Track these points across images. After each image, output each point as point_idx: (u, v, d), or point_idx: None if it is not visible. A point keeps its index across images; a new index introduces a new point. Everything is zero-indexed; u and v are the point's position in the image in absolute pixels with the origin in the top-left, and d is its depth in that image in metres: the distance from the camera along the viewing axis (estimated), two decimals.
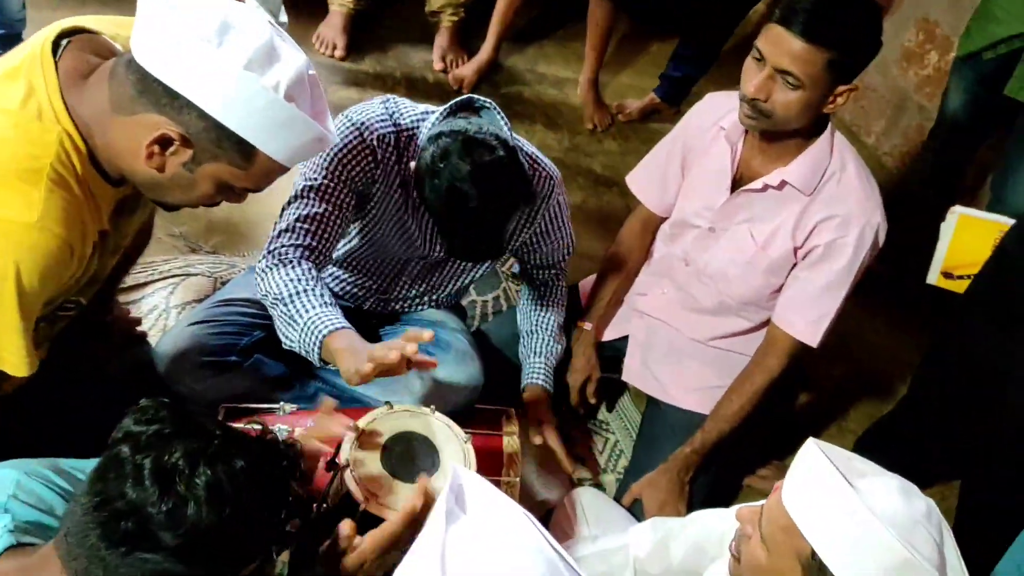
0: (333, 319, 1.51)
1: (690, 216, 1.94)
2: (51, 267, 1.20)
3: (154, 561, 0.94)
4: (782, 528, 1.16)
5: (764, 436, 2.32)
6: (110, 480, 0.94)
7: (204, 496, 0.94)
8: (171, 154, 1.20)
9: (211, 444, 0.97)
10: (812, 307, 1.82)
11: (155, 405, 1.00)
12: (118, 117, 1.19)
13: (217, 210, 2.47)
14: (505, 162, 1.51)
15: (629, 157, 3.14)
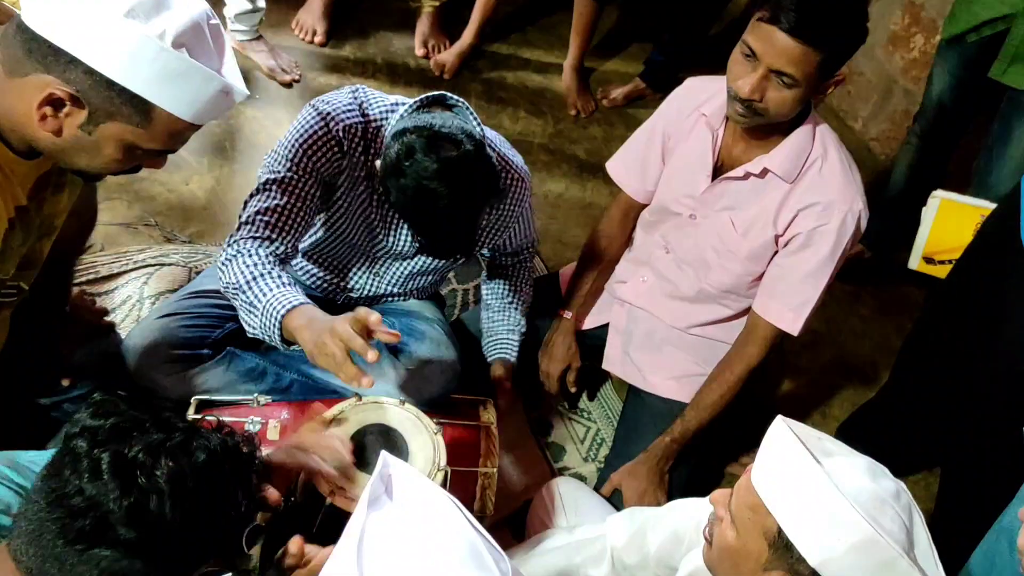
0: (290, 298, 1.48)
1: (670, 203, 1.92)
2: None
3: (112, 557, 0.92)
4: (749, 506, 1.15)
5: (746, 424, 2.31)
6: (66, 476, 0.91)
7: (167, 490, 0.92)
8: (65, 115, 1.15)
9: (172, 437, 0.95)
10: (793, 295, 1.80)
11: (111, 399, 0.98)
12: (10, 80, 1.15)
13: (194, 199, 2.47)
14: (472, 157, 1.48)
15: (613, 144, 3.11)
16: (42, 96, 1.13)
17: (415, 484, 0.90)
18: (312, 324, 1.43)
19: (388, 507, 0.88)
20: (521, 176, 1.81)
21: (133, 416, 0.96)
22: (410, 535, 0.85)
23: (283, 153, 1.63)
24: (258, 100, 2.81)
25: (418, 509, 0.88)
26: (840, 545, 1.07)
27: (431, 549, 0.84)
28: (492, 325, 2.04)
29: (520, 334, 2.02)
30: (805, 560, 1.10)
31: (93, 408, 0.96)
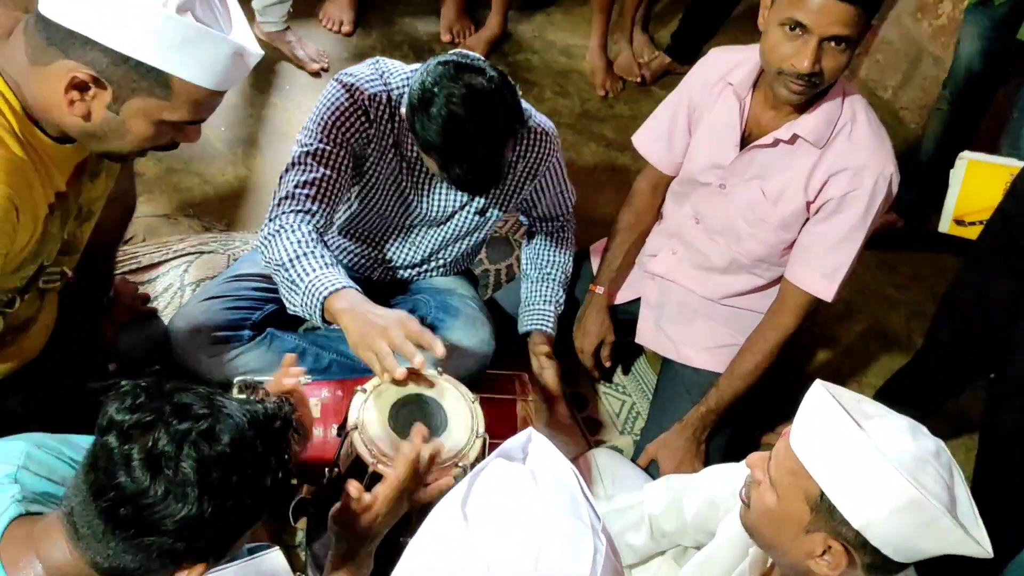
0: (334, 279, 1.52)
1: (699, 174, 1.92)
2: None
3: (159, 542, 0.95)
4: (790, 471, 1.16)
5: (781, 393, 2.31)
6: (102, 469, 0.95)
7: (194, 479, 0.94)
8: (91, 98, 1.18)
9: (195, 425, 0.97)
10: (826, 261, 1.80)
11: (134, 389, 0.99)
12: (36, 69, 1.18)
13: (230, 189, 2.52)
14: (496, 82, 1.53)
15: (640, 121, 3.05)
16: (67, 81, 1.15)
17: (551, 457, 0.94)
18: (356, 311, 1.47)
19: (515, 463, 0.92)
20: (545, 129, 1.84)
21: (157, 407, 0.97)
22: (522, 479, 0.89)
23: (313, 127, 1.67)
24: (288, 90, 2.85)
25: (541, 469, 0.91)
26: (884, 507, 1.08)
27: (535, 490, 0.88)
28: (529, 296, 2.06)
29: (557, 305, 2.04)
30: (848, 523, 1.11)
31: (118, 401, 0.98)
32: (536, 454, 0.96)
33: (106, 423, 0.96)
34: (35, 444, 1.12)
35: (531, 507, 0.86)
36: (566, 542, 0.84)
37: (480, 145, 1.52)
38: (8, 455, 1.09)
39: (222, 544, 1.02)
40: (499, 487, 0.89)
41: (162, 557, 0.97)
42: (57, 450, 1.15)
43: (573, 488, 0.91)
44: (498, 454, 0.94)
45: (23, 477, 1.07)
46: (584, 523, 0.87)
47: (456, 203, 1.87)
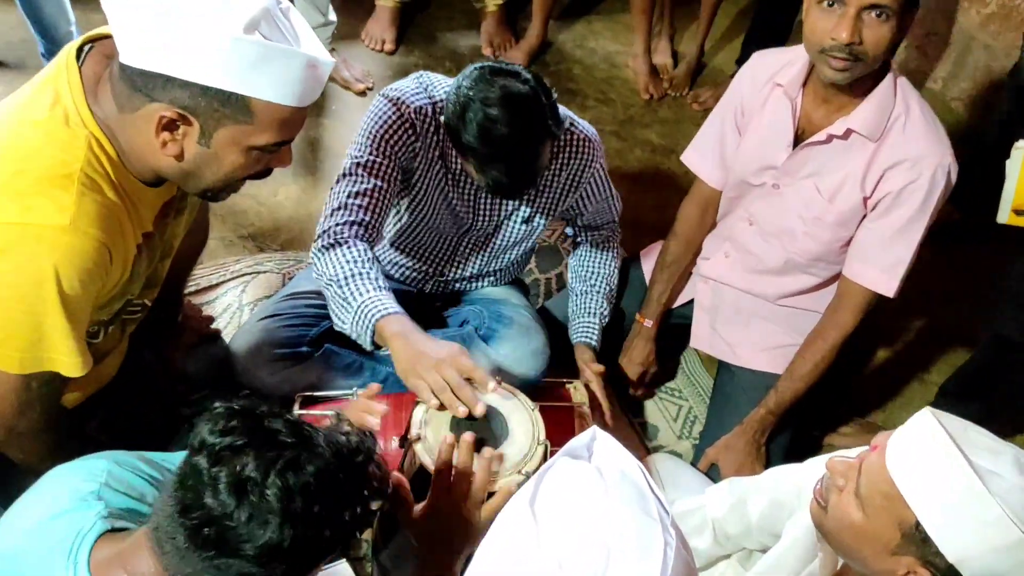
0: (386, 304, 1.53)
1: (751, 176, 1.90)
2: (89, 269, 1.21)
3: (238, 565, 0.97)
4: (883, 494, 1.12)
5: (841, 393, 2.28)
6: (190, 488, 0.97)
7: (277, 507, 0.96)
8: (182, 136, 1.20)
9: (282, 454, 0.98)
10: (886, 255, 1.77)
11: (227, 412, 1.01)
12: (125, 117, 1.21)
13: (282, 209, 2.57)
14: (532, 85, 1.54)
15: (684, 124, 3.12)
16: (155, 123, 1.18)
17: (617, 454, 0.94)
18: (408, 338, 1.48)
19: (581, 461, 0.93)
20: (588, 136, 1.84)
21: (249, 430, 0.99)
22: (589, 475, 0.89)
23: (362, 141, 1.70)
24: (335, 111, 2.90)
25: (607, 465, 0.92)
26: (985, 545, 1.04)
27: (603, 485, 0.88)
28: (575, 308, 2.06)
29: (601, 317, 2.04)
30: (943, 555, 1.07)
31: (211, 423, 1.00)
32: (601, 452, 0.96)
33: (198, 444, 0.98)
34: (115, 462, 1.16)
35: (599, 504, 0.86)
36: (636, 538, 0.84)
37: (516, 147, 1.53)
38: (90, 473, 1.12)
39: (298, 572, 1.03)
40: (566, 485, 0.89)
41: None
42: (135, 467, 1.18)
43: (640, 484, 0.91)
44: (563, 453, 0.94)
45: (106, 494, 1.10)
46: (653, 518, 0.87)
47: (502, 213, 1.89)
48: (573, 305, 2.07)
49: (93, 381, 1.59)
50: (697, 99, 3.20)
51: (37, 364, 1.25)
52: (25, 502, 1.14)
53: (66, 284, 1.19)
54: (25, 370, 1.26)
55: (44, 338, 1.23)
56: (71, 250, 1.18)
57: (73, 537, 1.04)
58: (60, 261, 1.18)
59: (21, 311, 1.20)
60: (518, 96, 1.52)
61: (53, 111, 1.21)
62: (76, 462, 1.17)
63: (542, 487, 0.89)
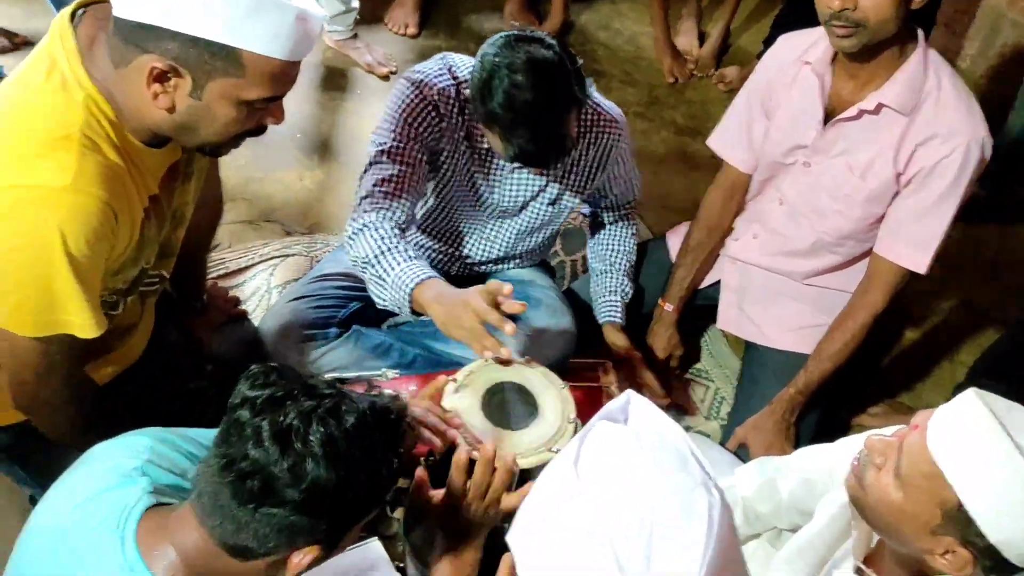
0: (419, 271, 1.54)
1: (780, 157, 1.89)
2: (95, 228, 1.20)
3: (280, 515, 0.99)
4: (924, 474, 1.10)
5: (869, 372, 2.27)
6: (233, 443, 0.99)
7: (320, 452, 0.98)
8: (173, 88, 1.20)
9: (322, 404, 1.01)
10: (918, 231, 1.75)
11: (265, 370, 1.04)
12: (120, 72, 1.21)
13: (308, 193, 2.58)
14: (556, 51, 1.54)
15: (711, 105, 3.10)
16: (147, 74, 1.18)
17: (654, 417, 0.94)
18: (443, 297, 1.49)
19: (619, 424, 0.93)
20: (613, 117, 1.83)
21: (286, 385, 1.02)
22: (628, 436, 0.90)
23: (386, 126, 1.70)
24: (359, 95, 2.91)
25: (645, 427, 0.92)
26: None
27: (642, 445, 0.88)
28: (597, 288, 2.07)
29: (623, 295, 2.04)
30: (985, 536, 1.06)
31: (251, 380, 1.03)
32: (637, 415, 0.95)
33: (239, 400, 1.00)
34: (157, 439, 1.17)
35: (641, 465, 0.86)
36: (679, 496, 0.84)
37: (542, 111, 1.52)
38: (134, 450, 1.14)
39: (337, 528, 1.05)
40: (607, 446, 0.89)
41: (282, 533, 1.00)
42: (175, 444, 1.19)
43: (680, 446, 0.90)
44: (601, 417, 0.94)
45: (150, 470, 1.11)
46: (695, 479, 0.86)
47: (528, 194, 1.88)
48: (595, 285, 2.08)
49: (121, 358, 1.61)
50: (723, 79, 3.18)
51: (51, 327, 1.26)
52: (70, 479, 1.15)
53: (72, 244, 1.19)
54: (40, 333, 1.26)
55: (56, 300, 1.23)
56: (75, 210, 1.19)
57: (120, 512, 1.05)
58: (64, 221, 1.18)
59: (30, 274, 1.21)
60: (543, 61, 1.51)
61: (50, 76, 1.22)
62: (118, 439, 1.18)
63: (584, 448, 0.89)
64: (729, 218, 2.07)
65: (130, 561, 1.02)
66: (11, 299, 1.24)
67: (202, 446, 1.23)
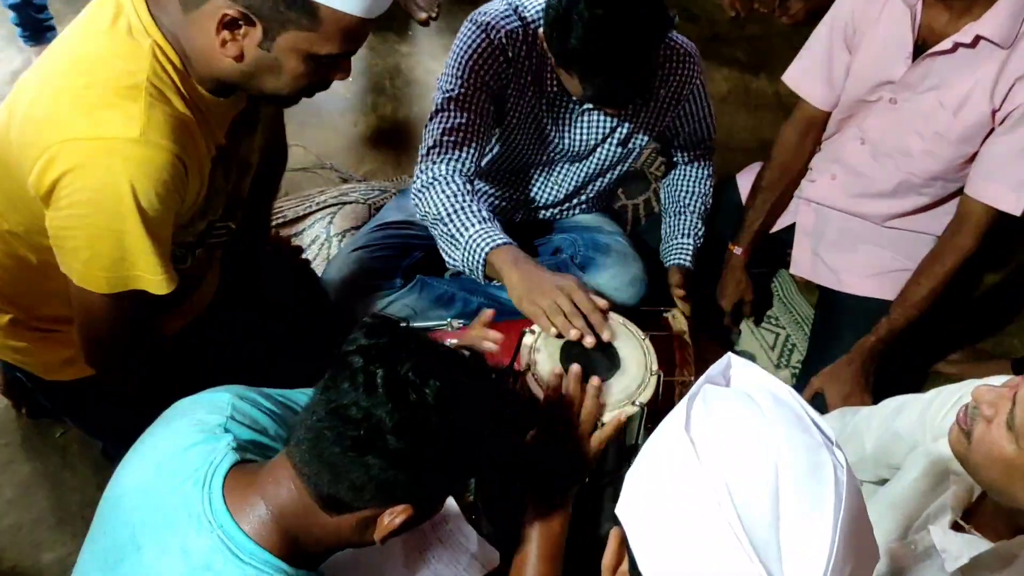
0: (494, 235, 1.50)
1: (865, 93, 1.79)
2: (165, 181, 1.18)
3: (381, 466, 0.96)
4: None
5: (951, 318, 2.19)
6: (344, 388, 0.96)
7: (434, 406, 0.96)
8: (243, 36, 1.17)
9: (435, 359, 0.99)
10: (1014, 171, 1.66)
11: (383, 321, 1.03)
12: (189, 16, 1.17)
13: (363, 139, 2.53)
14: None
15: (774, 40, 2.97)
16: (217, 20, 1.14)
17: (757, 377, 0.89)
18: (522, 268, 1.45)
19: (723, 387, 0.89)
20: (688, 51, 1.75)
21: (402, 338, 1.00)
22: (738, 397, 0.85)
23: (452, 72, 1.63)
24: (412, 36, 2.84)
25: (753, 387, 0.87)
26: None
27: (755, 405, 0.84)
28: (668, 230, 2.00)
29: (696, 238, 1.97)
30: None
31: (367, 328, 1.01)
32: (740, 377, 0.91)
33: (354, 347, 0.98)
34: (237, 395, 1.15)
35: (758, 426, 0.81)
36: (804, 456, 0.79)
37: (626, 48, 1.44)
38: (216, 406, 1.12)
39: (434, 490, 1.03)
40: (720, 409, 0.84)
41: (380, 487, 0.98)
42: (256, 401, 1.17)
43: (795, 406, 0.85)
44: (705, 380, 0.89)
45: (232, 427, 1.09)
46: (816, 439, 0.81)
47: (599, 136, 1.81)
48: (666, 227, 2.01)
49: (189, 311, 1.59)
50: (787, 12, 3.04)
51: (123, 283, 1.24)
52: (153, 435, 1.14)
53: (143, 198, 1.17)
54: (113, 289, 1.25)
55: (127, 256, 1.22)
56: (144, 162, 1.16)
57: (207, 467, 1.03)
58: (135, 174, 1.16)
59: (102, 228, 1.19)
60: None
61: (115, 22, 1.19)
62: (200, 396, 1.16)
63: (694, 412, 0.85)
64: (804, 158, 1.98)
65: (218, 517, 1.00)
66: (83, 255, 1.22)
67: (286, 406, 1.21)
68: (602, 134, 1.80)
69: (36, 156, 1.16)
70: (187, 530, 1.01)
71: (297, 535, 1.03)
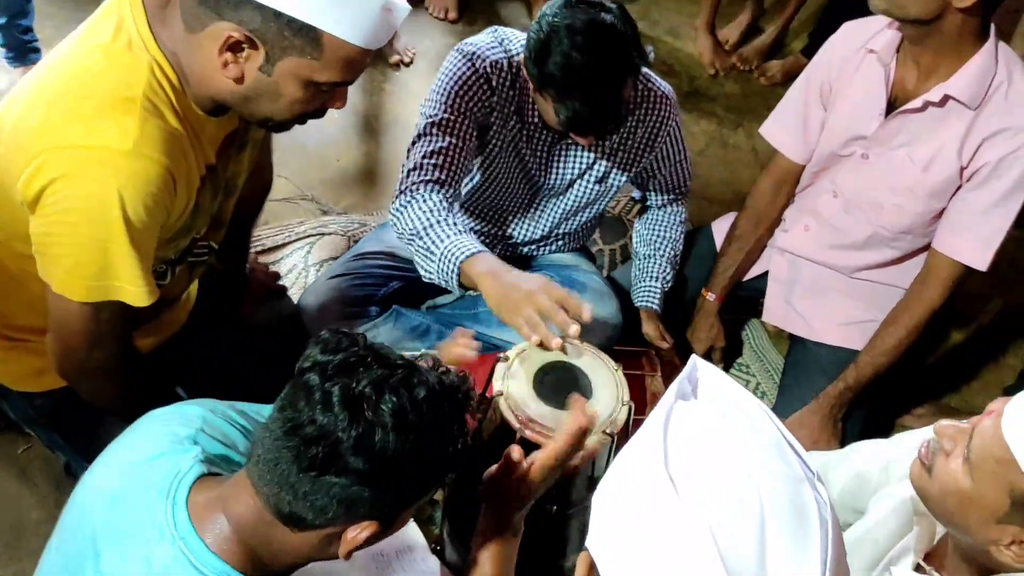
0: (469, 244, 1.51)
1: (838, 148, 1.84)
2: (153, 194, 1.19)
3: (341, 484, 0.95)
4: (996, 459, 1.07)
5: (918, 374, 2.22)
6: (300, 407, 0.95)
7: (391, 423, 0.95)
8: (245, 59, 1.18)
9: (395, 373, 0.98)
10: (981, 227, 1.71)
11: (338, 335, 1.01)
12: (191, 36, 1.19)
13: (346, 173, 2.55)
14: (616, 15, 1.50)
15: (752, 99, 3.05)
16: (221, 42, 1.16)
17: (724, 384, 0.88)
18: (499, 276, 1.46)
19: (694, 402, 0.87)
20: (664, 93, 1.80)
21: (358, 353, 0.99)
22: (715, 423, 0.84)
23: (437, 98, 1.67)
24: (398, 77, 2.88)
25: (725, 404, 0.86)
26: None
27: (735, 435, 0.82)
28: (638, 272, 2.03)
29: (664, 281, 2.00)
30: None
31: (322, 344, 0.99)
32: (708, 386, 0.89)
33: (309, 363, 0.97)
34: (209, 409, 1.14)
35: (739, 462, 0.80)
36: (787, 496, 0.78)
37: (599, 74, 1.48)
38: (186, 418, 1.11)
39: (397, 505, 1.02)
40: (697, 440, 0.83)
41: (341, 504, 0.96)
42: (228, 416, 1.16)
43: (772, 431, 0.85)
44: (676, 396, 0.87)
45: (201, 439, 1.09)
46: (797, 471, 0.81)
47: (576, 170, 1.85)
48: (636, 269, 2.04)
49: (164, 329, 1.59)
50: (765, 73, 3.13)
51: (104, 293, 1.24)
52: (122, 443, 1.13)
53: (130, 209, 1.18)
54: (93, 298, 1.25)
55: (110, 265, 1.22)
56: (135, 174, 1.17)
57: (172, 478, 1.03)
58: (124, 185, 1.16)
59: (87, 236, 1.19)
60: (603, 25, 1.48)
61: (116, 36, 1.20)
62: (172, 407, 1.16)
63: (670, 444, 0.82)
64: (778, 209, 2.03)
65: (181, 528, 0.99)
66: (65, 262, 1.22)
67: (253, 419, 1.20)
68: (579, 169, 1.84)
69: (26, 162, 1.17)
70: (149, 539, 1.00)
71: (258, 550, 1.02)
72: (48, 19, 2.63)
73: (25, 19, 2.45)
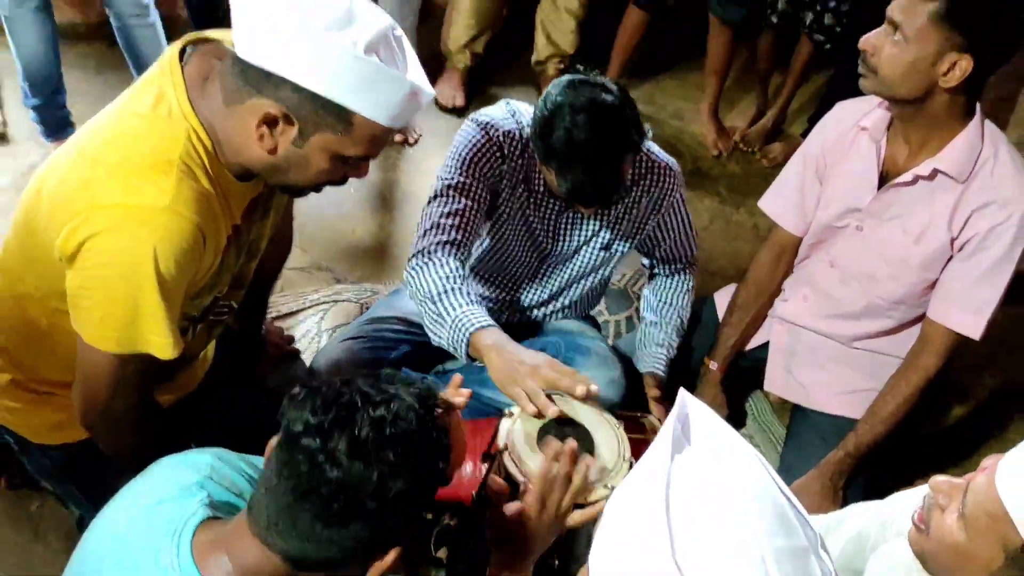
0: (479, 317, 1.58)
1: (834, 220, 1.91)
2: (184, 250, 1.25)
3: (360, 528, 1.00)
4: (989, 514, 1.09)
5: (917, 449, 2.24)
6: (305, 473, 0.98)
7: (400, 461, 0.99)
8: (279, 134, 1.25)
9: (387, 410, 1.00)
10: (972, 297, 1.76)
11: (313, 393, 1.02)
12: (230, 108, 1.26)
13: (360, 244, 2.64)
14: (618, 95, 1.59)
15: (754, 179, 3.15)
16: (259, 117, 1.24)
17: (715, 428, 0.90)
18: (503, 350, 1.53)
19: (690, 451, 0.87)
20: (667, 164, 1.88)
21: (345, 403, 1.01)
22: (717, 487, 0.84)
23: (452, 164, 1.76)
24: (411, 154, 2.99)
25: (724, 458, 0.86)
26: None
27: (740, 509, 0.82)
28: (644, 337, 2.08)
29: (670, 348, 2.05)
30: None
31: (305, 406, 1.01)
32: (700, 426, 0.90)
33: (302, 427, 0.99)
34: (218, 457, 1.19)
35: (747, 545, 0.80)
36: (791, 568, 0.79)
37: (598, 151, 1.57)
38: (195, 466, 1.16)
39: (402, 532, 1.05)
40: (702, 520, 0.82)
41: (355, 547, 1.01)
42: (237, 465, 1.21)
43: (775, 495, 0.85)
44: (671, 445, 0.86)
45: (208, 486, 1.13)
46: (802, 543, 0.82)
47: (581, 238, 1.93)
48: (642, 334, 2.09)
49: (180, 387, 1.64)
50: (767, 155, 3.24)
51: (132, 344, 1.30)
52: (132, 488, 1.17)
53: (163, 264, 1.24)
54: (121, 349, 1.30)
55: (140, 318, 1.27)
56: (169, 230, 1.24)
57: (177, 522, 1.07)
58: (159, 241, 1.23)
59: (121, 290, 1.25)
60: (604, 104, 1.57)
61: (157, 106, 1.28)
62: (182, 455, 1.21)
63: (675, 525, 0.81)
64: (778, 279, 2.09)
65: (185, 568, 1.03)
66: (97, 314, 1.28)
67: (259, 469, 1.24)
68: (584, 237, 1.92)
69: (67, 219, 1.23)
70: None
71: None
72: (80, 96, 2.76)
73: (59, 96, 2.59)
